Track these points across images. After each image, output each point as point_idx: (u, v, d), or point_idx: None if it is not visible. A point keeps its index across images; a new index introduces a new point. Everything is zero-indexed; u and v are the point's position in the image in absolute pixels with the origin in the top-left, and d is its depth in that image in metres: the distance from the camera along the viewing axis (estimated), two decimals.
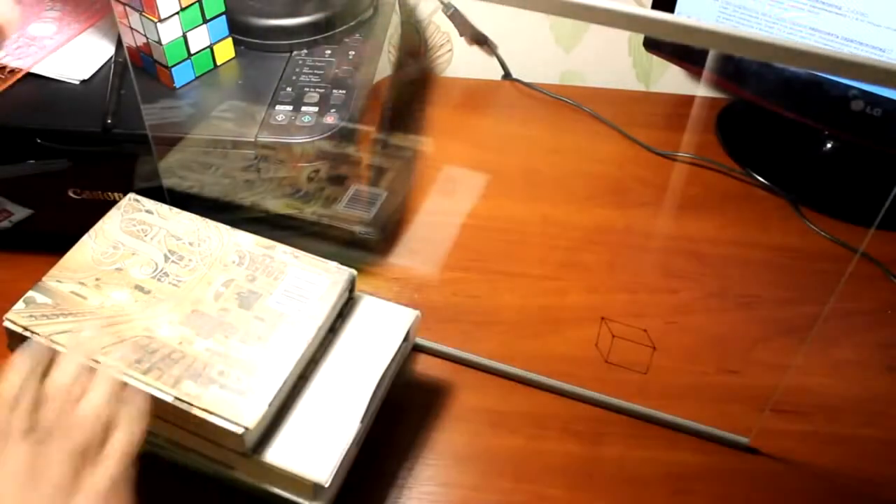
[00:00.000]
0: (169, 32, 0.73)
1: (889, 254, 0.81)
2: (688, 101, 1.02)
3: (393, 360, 0.64)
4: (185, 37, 0.75)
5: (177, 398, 0.56)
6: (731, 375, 0.72)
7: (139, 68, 0.77)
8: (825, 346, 0.74)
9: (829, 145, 0.94)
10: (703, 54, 0.93)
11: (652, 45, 0.95)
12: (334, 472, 0.57)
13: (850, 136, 0.88)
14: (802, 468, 0.66)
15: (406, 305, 0.67)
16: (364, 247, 0.77)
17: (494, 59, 1.03)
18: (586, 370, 0.71)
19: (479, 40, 1.02)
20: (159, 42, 0.73)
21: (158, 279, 0.63)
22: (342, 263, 0.66)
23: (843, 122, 0.86)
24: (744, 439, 0.67)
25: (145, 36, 0.74)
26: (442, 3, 0.98)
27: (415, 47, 1.03)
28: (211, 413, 0.56)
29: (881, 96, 0.83)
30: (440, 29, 1.02)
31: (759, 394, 0.70)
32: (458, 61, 1.04)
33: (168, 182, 0.74)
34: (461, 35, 1.02)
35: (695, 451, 0.67)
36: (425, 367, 0.71)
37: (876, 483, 0.65)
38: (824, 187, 0.90)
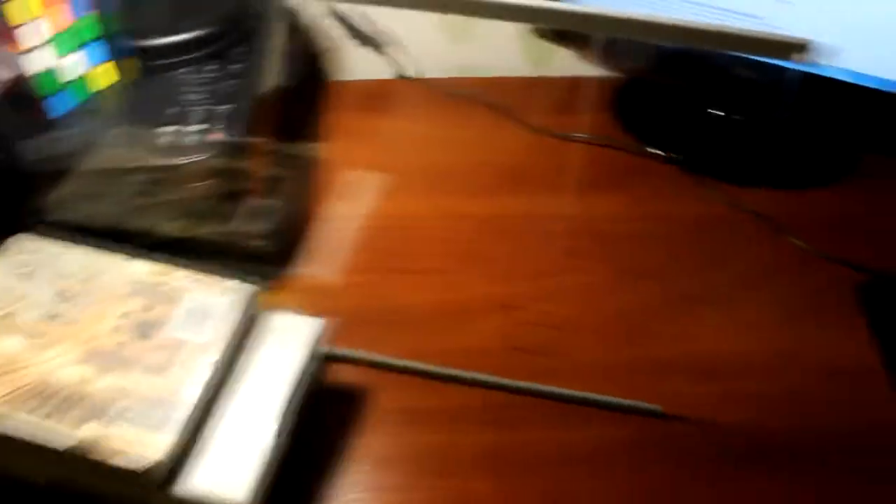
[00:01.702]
0: (38, 62, 0.71)
1: (784, 212, 0.85)
2: (583, 82, 1.04)
3: (303, 372, 0.64)
4: (58, 65, 0.72)
5: (81, 440, 0.55)
6: (639, 348, 0.74)
7: (15, 100, 0.75)
8: (730, 310, 0.76)
9: (720, 113, 0.96)
10: (588, 35, 0.94)
11: (540, 30, 0.96)
12: (253, 492, 0.57)
13: (737, 102, 0.91)
14: (713, 427, 0.68)
15: (313, 315, 0.66)
16: (266, 260, 0.76)
17: (387, 59, 1.03)
18: (497, 359, 0.72)
19: (370, 41, 1.02)
20: (30, 73, 0.71)
21: (50, 320, 0.61)
22: (245, 280, 0.65)
23: (730, 89, 0.89)
24: (657, 407, 0.69)
25: (14, 67, 0.72)
26: (329, 6, 0.97)
27: (304, 53, 1.02)
28: (118, 451, 0.55)
29: (761, 62, 0.86)
30: (329, 33, 1.01)
31: (668, 363, 0.72)
32: (351, 64, 1.04)
33: (58, 216, 0.72)
34: (352, 38, 1.01)
35: (612, 426, 0.68)
36: (340, 375, 0.71)
37: (783, 434, 0.68)
38: (720, 154, 0.93)
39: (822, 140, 0.96)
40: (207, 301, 0.64)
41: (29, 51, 0.70)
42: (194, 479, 0.57)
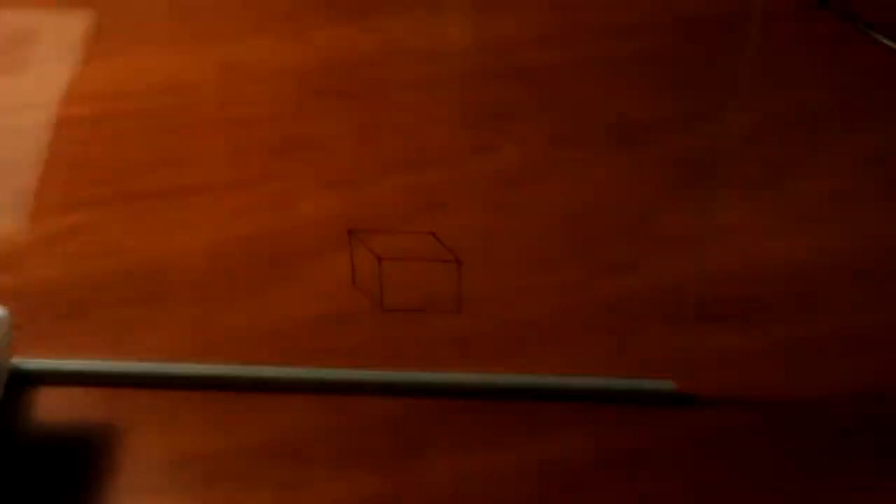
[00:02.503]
0: None
1: None
2: None
3: None
4: None
5: None
6: (611, 277, 0.40)
7: None
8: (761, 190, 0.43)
9: None
10: None
11: None
12: None
13: None
14: (758, 410, 0.36)
15: None
16: None
17: None
18: (354, 333, 0.38)
19: None
20: None
21: None
22: None
23: None
24: (666, 384, 0.37)
25: None
26: None
27: None
28: None
29: None
30: None
31: (667, 299, 0.38)
32: None
33: None
34: None
35: (588, 429, 0.36)
36: (56, 405, 0.35)
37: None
38: None
39: None
40: None
41: None
42: None
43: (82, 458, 0.34)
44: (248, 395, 0.39)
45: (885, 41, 0.53)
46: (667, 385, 0.37)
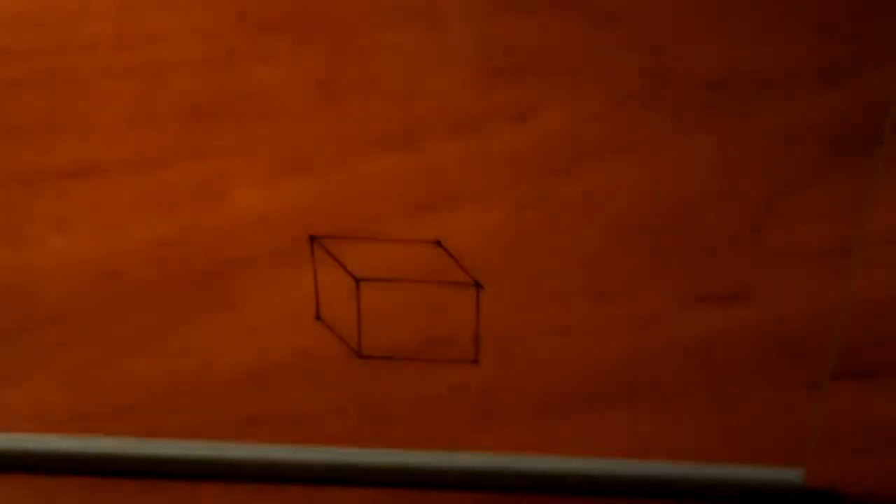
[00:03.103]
0: None
1: None
2: None
3: None
4: None
5: None
6: (706, 311, 0.27)
7: None
8: None
9: None
10: None
11: None
12: None
13: None
14: None
15: None
16: None
17: None
18: (317, 391, 0.25)
19: None
20: None
21: None
22: None
23: None
24: (789, 475, 0.24)
25: None
26: None
27: None
28: None
29: None
30: None
31: (789, 342, 0.26)
32: None
33: None
34: None
35: None
36: None
37: None
38: None
39: None
40: None
41: None
42: None
43: None
44: (155, 484, 0.26)
45: None
46: (791, 476, 0.25)
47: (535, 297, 0.25)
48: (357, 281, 0.25)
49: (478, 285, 0.25)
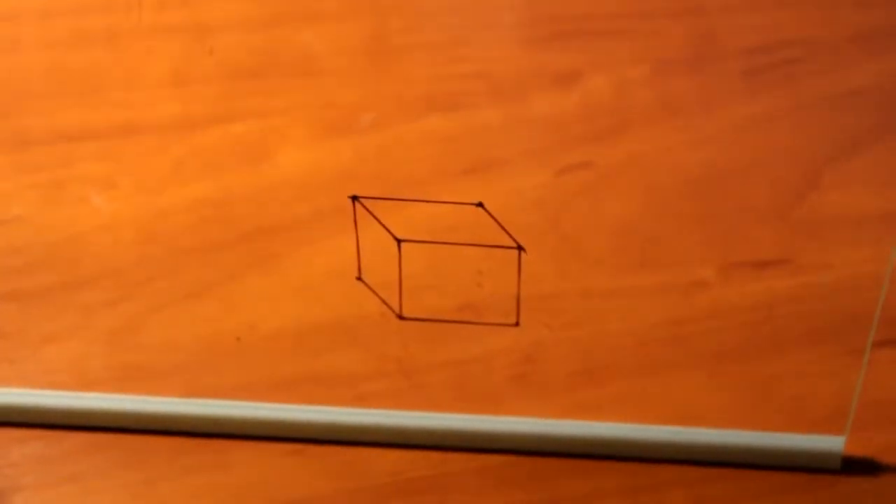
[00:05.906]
0: None
1: None
2: None
3: None
4: None
5: None
6: (749, 278, 0.27)
7: None
8: None
9: None
10: None
11: None
12: None
13: None
14: None
15: None
16: None
17: None
18: (358, 352, 0.26)
19: None
20: None
21: None
22: None
23: None
24: (832, 442, 0.24)
25: None
26: None
27: None
28: None
29: None
30: None
31: (833, 311, 0.26)
32: None
33: None
34: None
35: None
36: None
37: None
38: None
39: None
40: None
41: None
42: None
43: None
44: (191, 443, 0.26)
45: None
46: (833, 444, 0.25)
47: (577, 261, 0.25)
48: (399, 242, 0.25)
49: (520, 248, 0.25)
